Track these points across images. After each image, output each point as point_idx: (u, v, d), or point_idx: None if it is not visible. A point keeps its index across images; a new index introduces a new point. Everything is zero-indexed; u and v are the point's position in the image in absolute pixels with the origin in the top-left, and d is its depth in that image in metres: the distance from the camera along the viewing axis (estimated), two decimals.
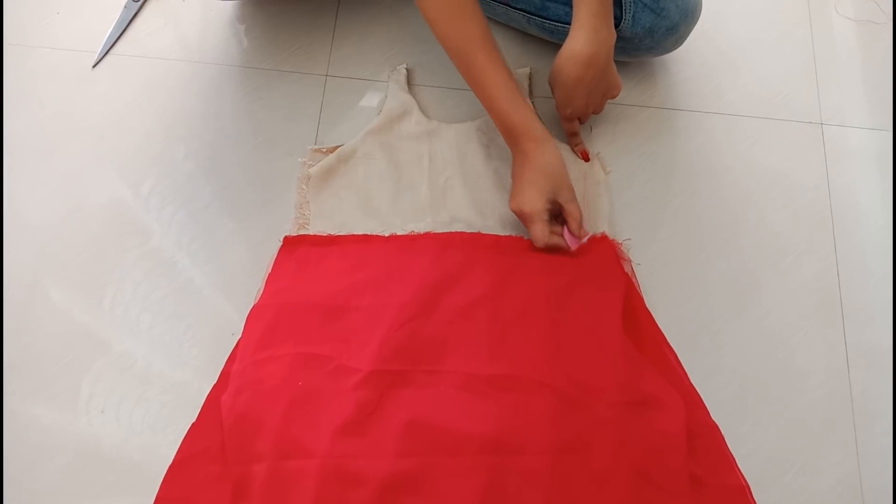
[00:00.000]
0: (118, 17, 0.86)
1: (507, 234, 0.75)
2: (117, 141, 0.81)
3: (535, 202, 0.70)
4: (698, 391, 0.70)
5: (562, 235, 0.72)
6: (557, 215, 0.73)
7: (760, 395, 0.72)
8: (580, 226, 0.72)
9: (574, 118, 0.78)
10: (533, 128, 0.71)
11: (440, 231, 0.75)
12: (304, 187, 0.77)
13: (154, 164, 0.80)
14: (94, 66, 0.84)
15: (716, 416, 0.69)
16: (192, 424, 0.67)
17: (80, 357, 0.71)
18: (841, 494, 0.69)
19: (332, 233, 0.75)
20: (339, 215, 0.76)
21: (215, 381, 0.69)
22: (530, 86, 0.83)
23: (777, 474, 0.69)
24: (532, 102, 0.82)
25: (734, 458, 0.67)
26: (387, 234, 0.75)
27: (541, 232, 0.71)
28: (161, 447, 0.67)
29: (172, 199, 0.78)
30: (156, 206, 0.78)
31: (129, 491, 0.65)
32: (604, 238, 0.75)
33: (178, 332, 0.73)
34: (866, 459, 0.70)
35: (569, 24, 0.77)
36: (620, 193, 0.79)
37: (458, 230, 0.75)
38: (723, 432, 0.68)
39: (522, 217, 0.72)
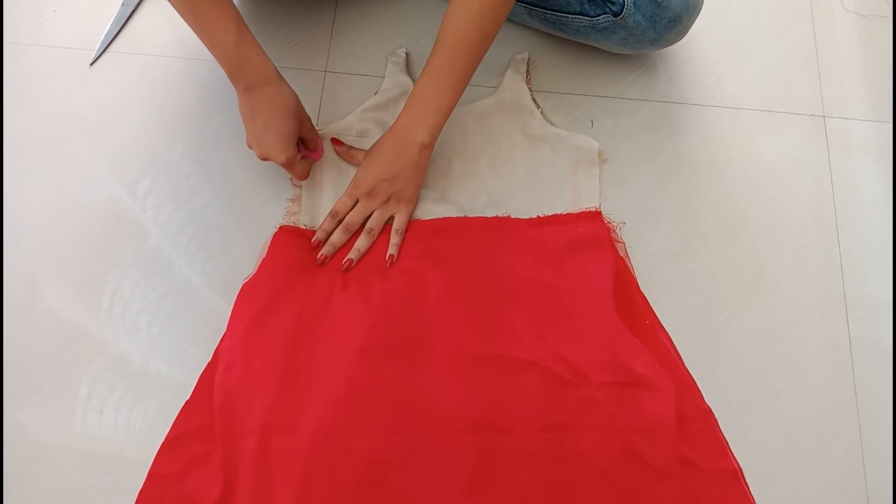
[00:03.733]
0: (116, 14, 0.85)
1: (495, 214, 0.75)
2: (115, 139, 0.80)
3: (288, 149, 0.68)
4: (702, 386, 0.70)
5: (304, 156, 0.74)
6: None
7: (764, 390, 0.72)
8: (316, 145, 0.74)
9: (353, 200, 0.72)
10: (268, 66, 0.67)
11: (429, 213, 0.75)
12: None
13: (152, 162, 0.79)
14: (91, 64, 0.84)
15: (719, 410, 0.69)
16: (186, 402, 0.67)
17: (77, 357, 0.71)
18: (846, 488, 0.69)
19: (322, 209, 0.75)
20: (331, 191, 0.76)
21: (209, 360, 0.69)
22: (528, 72, 0.83)
23: (781, 468, 0.69)
24: (530, 88, 0.82)
25: (727, 443, 0.67)
26: None
27: (303, 171, 0.72)
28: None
29: (170, 198, 0.78)
30: (153, 204, 0.77)
31: (126, 491, 0.65)
32: (596, 214, 0.75)
33: (176, 331, 0.72)
34: (871, 453, 0.70)
35: (571, 13, 0.77)
36: (623, 187, 0.79)
37: (447, 211, 0.75)
38: (726, 427, 0.68)
39: (275, 161, 0.69)
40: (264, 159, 0.70)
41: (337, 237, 0.73)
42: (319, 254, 0.72)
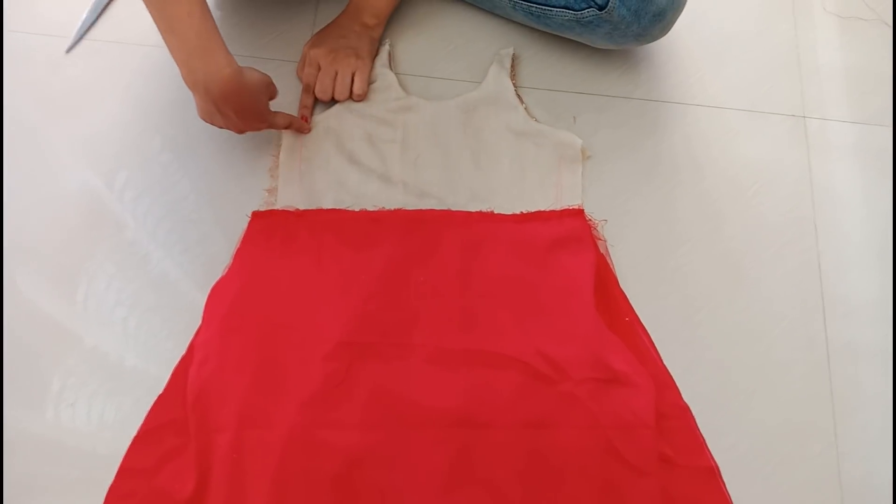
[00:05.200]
0: (94, 0, 0.84)
1: (478, 210, 0.75)
2: (91, 129, 0.79)
3: (266, 117, 0.71)
4: (679, 384, 0.70)
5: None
6: None
7: (741, 388, 0.72)
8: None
9: (315, 66, 0.78)
10: (229, 56, 0.63)
11: (410, 206, 0.75)
12: (275, 153, 0.77)
13: (129, 153, 0.78)
14: (68, 51, 0.82)
15: (696, 408, 0.69)
16: (159, 396, 0.66)
17: (50, 350, 0.69)
18: (820, 487, 0.69)
19: (300, 203, 0.74)
20: (309, 184, 0.75)
21: (183, 353, 0.68)
22: (512, 67, 0.83)
23: (757, 467, 0.69)
24: (514, 84, 0.82)
25: (705, 440, 0.68)
26: (357, 209, 0.74)
27: (284, 119, 0.74)
28: None
29: (148, 190, 0.76)
30: (130, 197, 0.76)
31: (96, 486, 0.64)
32: (579, 212, 0.75)
33: (152, 325, 0.71)
34: (846, 451, 0.70)
35: (556, 7, 0.76)
36: (603, 184, 0.79)
37: (429, 206, 0.75)
38: (703, 425, 0.69)
39: (266, 128, 0.72)
40: (252, 130, 0.71)
41: (306, 100, 0.78)
42: (299, 114, 0.78)
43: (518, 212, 0.75)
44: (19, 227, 0.74)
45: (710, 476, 0.66)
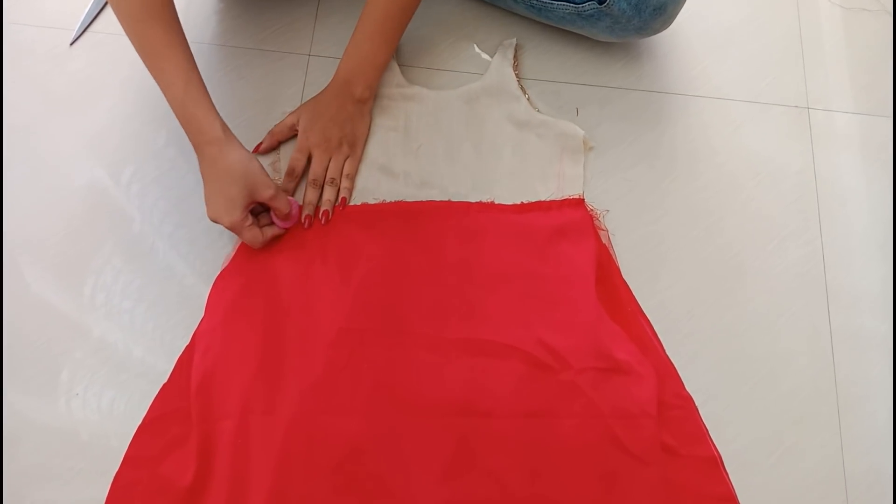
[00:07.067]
0: None
1: (479, 200, 0.75)
2: (96, 122, 0.79)
3: (231, 214, 0.66)
4: (682, 374, 0.70)
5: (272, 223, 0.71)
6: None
7: (744, 379, 0.72)
8: (286, 216, 0.70)
9: (305, 153, 0.74)
10: (213, 126, 0.66)
11: (411, 196, 0.75)
12: (278, 147, 0.77)
13: (135, 147, 0.78)
14: (71, 44, 0.82)
15: (698, 398, 0.69)
16: (164, 385, 0.67)
17: (58, 343, 0.70)
18: (824, 477, 0.69)
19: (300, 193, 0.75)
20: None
21: (188, 343, 0.68)
22: (516, 58, 0.83)
23: (761, 457, 0.69)
24: (517, 74, 0.82)
25: (707, 430, 0.68)
26: (358, 203, 0.74)
27: (252, 237, 0.68)
28: None
29: (154, 185, 0.76)
30: (137, 191, 0.76)
31: (102, 476, 0.64)
32: (580, 202, 0.75)
33: (159, 320, 0.71)
34: (849, 442, 0.70)
35: (558, 0, 0.76)
36: (606, 176, 0.79)
37: (430, 195, 0.75)
38: (707, 415, 0.69)
39: (222, 225, 0.67)
40: (214, 221, 0.67)
41: (310, 195, 0.73)
42: (303, 215, 0.72)
43: (519, 202, 0.75)
44: (25, 221, 0.74)
45: (712, 465, 0.67)
